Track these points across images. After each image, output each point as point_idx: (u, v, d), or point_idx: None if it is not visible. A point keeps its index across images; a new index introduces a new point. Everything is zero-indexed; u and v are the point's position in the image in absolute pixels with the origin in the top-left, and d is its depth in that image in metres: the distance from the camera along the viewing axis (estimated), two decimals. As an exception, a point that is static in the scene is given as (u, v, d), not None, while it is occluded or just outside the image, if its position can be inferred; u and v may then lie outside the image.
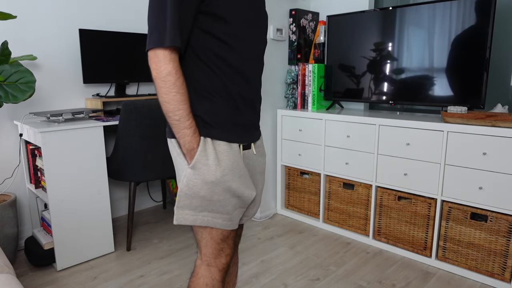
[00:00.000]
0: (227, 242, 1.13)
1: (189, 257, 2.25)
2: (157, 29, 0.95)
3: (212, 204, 1.06)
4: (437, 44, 2.16)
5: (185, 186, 1.04)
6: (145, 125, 2.18)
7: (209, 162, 1.03)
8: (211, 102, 1.05)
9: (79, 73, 2.56)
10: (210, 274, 1.13)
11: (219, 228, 1.10)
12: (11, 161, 2.33)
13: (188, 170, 1.03)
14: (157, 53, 0.96)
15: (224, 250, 1.13)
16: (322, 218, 2.65)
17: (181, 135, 1.01)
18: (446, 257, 2.08)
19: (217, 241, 1.12)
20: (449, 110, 2.05)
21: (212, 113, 1.06)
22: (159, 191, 3.18)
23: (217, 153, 1.05)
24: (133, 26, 2.81)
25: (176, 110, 0.98)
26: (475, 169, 1.91)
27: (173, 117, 0.99)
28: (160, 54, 0.96)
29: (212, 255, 1.12)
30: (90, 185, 2.15)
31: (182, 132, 1.01)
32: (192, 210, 1.07)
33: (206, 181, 1.03)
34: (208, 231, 1.10)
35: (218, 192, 1.05)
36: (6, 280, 1.16)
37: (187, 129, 1.00)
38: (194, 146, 1.02)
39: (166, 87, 0.96)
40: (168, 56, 0.96)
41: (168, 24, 0.95)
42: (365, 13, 2.44)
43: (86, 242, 2.17)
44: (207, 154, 1.03)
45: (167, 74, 0.96)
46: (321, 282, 1.97)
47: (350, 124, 2.38)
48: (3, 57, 1.90)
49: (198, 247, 1.14)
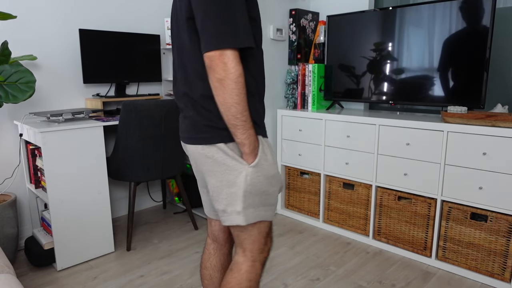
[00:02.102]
0: (270, 235, 1.19)
1: (189, 257, 2.25)
2: (227, 29, 0.94)
3: (269, 198, 1.12)
4: (437, 44, 2.16)
5: (249, 185, 1.06)
6: (145, 125, 2.18)
7: (268, 157, 1.09)
8: (253, 101, 1.08)
9: (79, 73, 2.56)
10: (255, 270, 1.15)
11: (270, 220, 1.16)
12: (11, 161, 2.33)
13: (250, 169, 1.05)
14: (226, 54, 0.94)
15: (267, 244, 1.19)
16: (322, 218, 2.65)
17: (247, 135, 1.02)
18: (446, 257, 2.08)
19: (264, 235, 1.16)
20: (449, 110, 2.05)
21: (256, 111, 1.09)
22: (159, 191, 3.18)
23: (269, 148, 1.11)
24: (133, 26, 2.81)
25: (244, 111, 0.99)
26: (475, 169, 1.91)
27: (241, 118, 0.99)
28: (231, 55, 0.94)
29: (258, 250, 1.15)
30: (90, 185, 2.15)
31: (248, 133, 1.01)
32: (253, 208, 1.09)
33: (268, 176, 1.08)
34: (257, 226, 1.13)
35: (274, 184, 1.11)
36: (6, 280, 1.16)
37: (252, 129, 1.02)
38: (257, 144, 1.05)
39: (238, 88, 0.96)
40: (238, 57, 0.96)
41: (240, 24, 0.95)
42: (365, 13, 2.44)
43: (86, 242, 2.17)
44: (264, 150, 1.08)
45: (239, 76, 0.95)
46: (321, 282, 1.97)
47: (350, 124, 2.38)
48: (3, 57, 1.89)
49: (240, 246, 1.16)
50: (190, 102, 1.09)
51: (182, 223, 2.76)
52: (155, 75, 2.83)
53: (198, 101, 1.06)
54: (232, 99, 0.96)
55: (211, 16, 0.94)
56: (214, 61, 0.94)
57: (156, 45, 2.80)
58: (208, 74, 0.98)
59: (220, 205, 1.11)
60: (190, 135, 1.10)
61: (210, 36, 0.94)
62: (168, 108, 2.23)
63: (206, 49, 0.95)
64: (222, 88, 0.96)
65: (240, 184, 1.06)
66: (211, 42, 0.94)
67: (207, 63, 0.96)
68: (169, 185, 3.08)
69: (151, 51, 2.78)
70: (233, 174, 1.06)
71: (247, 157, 1.05)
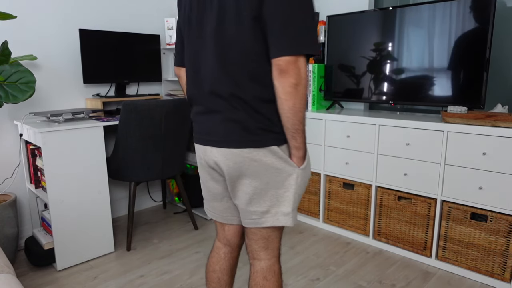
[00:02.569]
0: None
1: (189, 257, 2.25)
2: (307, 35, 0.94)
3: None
4: (437, 44, 2.16)
5: (299, 186, 1.10)
6: (145, 125, 2.18)
7: (309, 161, 1.14)
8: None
9: (79, 73, 2.56)
10: (280, 265, 1.23)
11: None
12: (11, 161, 2.33)
13: (300, 171, 1.08)
14: (300, 60, 0.94)
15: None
16: (322, 218, 2.65)
17: (303, 140, 1.05)
18: (446, 257, 2.08)
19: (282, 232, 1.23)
20: (449, 110, 2.05)
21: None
22: (159, 191, 3.18)
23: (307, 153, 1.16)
24: (133, 26, 2.81)
25: (305, 117, 1.03)
26: (475, 169, 1.91)
27: (303, 123, 1.02)
28: (304, 61, 0.95)
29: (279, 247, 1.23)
30: (90, 185, 2.15)
31: (304, 137, 1.06)
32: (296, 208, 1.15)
33: (309, 177, 1.14)
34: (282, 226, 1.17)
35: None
36: (6, 280, 1.16)
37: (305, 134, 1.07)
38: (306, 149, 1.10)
39: (305, 95, 0.98)
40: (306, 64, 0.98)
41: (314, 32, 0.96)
42: (365, 13, 2.44)
43: (86, 242, 2.17)
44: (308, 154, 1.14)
45: (307, 82, 0.99)
46: (321, 282, 1.97)
47: (350, 124, 2.38)
48: (3, 57, 1.90)
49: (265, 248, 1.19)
50: (239, 104, 1.03)
51: (182, 223, 2.76)
52: (155, 75, 2.83)
53: (249, 103, 1.02)
54: (301, 105, 0.98)
55: (294, 21, 0.93)
56: (290, 66, 0.94)
57: (156, 45, 2.80)
58: (279, 78, 0.96)
59: (261, 207, 1.10)
60: (234, 138, 1.05)
61: (291, 40, 0.93)
62: (168, 108, 2.23)
63: (283, 53, 0.94)
64: (295, 93, 0.96)
65: (291, 186, 1.08)
66: (291, 47, 0.93)
67: (281, 67, 0.95)
68: (169, 185, 3.08)
69: (151, 51, 2.78)
70: (283, 176, 1.07)
71: (299, 160, 1.07)
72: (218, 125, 1.07)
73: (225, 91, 1.03)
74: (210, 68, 1.05)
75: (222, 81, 1.03)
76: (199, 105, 1.13)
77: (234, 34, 1.00)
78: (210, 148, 1.11)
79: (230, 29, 1.00)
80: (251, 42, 0.99)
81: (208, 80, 1.06)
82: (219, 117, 1.07)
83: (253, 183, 1.09)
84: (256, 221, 1.13)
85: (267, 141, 1.05)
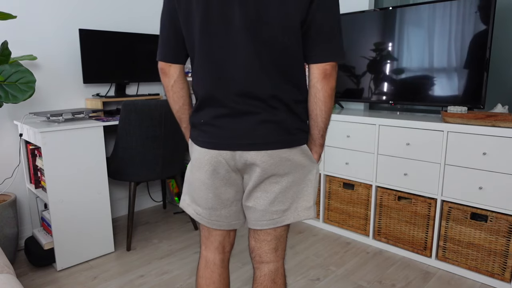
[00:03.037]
0: None
1: (189, 257, 2.25)
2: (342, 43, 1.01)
3: None
4: (437, 44, 2.16)
5: (316, 181, 1.16)
6: (145, 125, 2.18)
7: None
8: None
9: (79, 73, 2.56)
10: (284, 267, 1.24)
11: None
12: (11, 161, 2.33)
13: (317, 167, 1.16)
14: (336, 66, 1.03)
15: None
16: (322, 218, 2.65)
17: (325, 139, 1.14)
18: (446, 257, 2.08)
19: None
20: (449, 110, 2.05)
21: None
22: (159, 191, 3.18)
23: None
24: (133, 26, 2.81)
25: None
26: (475, 169, 1.91)
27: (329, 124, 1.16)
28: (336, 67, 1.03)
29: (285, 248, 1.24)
30: (90, 185, 2.15)
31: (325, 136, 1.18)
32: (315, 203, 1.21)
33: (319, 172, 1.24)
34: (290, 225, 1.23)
35: None
36: (6, 280, 1.16)
37: None
38: None
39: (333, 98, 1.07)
40: None
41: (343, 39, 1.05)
42: (365, 13, 2.44)
43: (86, 242, 2.17)
44: None
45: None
46: (321, 282, 1.97)
47: (350, 124, 2.38)
48: (3, 57, 1.90)
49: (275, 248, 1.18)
50: (279, 105, 1.03)
51: (182, 223, 2.76)
52: (155, 75, 2.83)
53: (287, 104, 1.04)
54: (332, 106, 1.07)
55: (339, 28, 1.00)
56: (333, 70, 1.01)
57: (156, 45, 2.80)
58: (322, 81, 1.02)
59: (284, 205, 1.11)
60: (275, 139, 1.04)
61: (338, 47, 1.00)
62: (168, 108, 2.23)
63: (330, 59, 1.00)
64: (333, 95, 1.05)
65: (310, 181, 1.13)
66: (338, 53, 1.00)
67: (327, 71, 1.01)
68: (169, 185, 3.08)
69: (151, 51, 2.78)
70: (305, 172, 1.12)
71: (319, 156, 1.15)
72: (255, 127, 1.04)
73: (264, 92, 1.01)
74: (243, 68, 1.01)
75: (261, 82, 1.01)
76: (221, 107, 1.05)
77: (276, 34, 0.98)
78: (240, 153, 1.06)
79: (271, 29, 0.98)
80: (294, 44, 1.00)
81: (240, 80, 1.01)
82: (255, 119, 1.03)
83: (282, 182, 1.09)
84: (276, 220, 1.12)
85: (300, 140, 1.08)
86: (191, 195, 1.20)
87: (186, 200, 1.23)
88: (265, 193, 1.10)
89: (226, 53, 1.01)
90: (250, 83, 1.01)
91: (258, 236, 1.18)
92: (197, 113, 1.11)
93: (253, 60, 0.99)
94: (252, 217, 1.15)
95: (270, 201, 1.10)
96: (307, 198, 1.13)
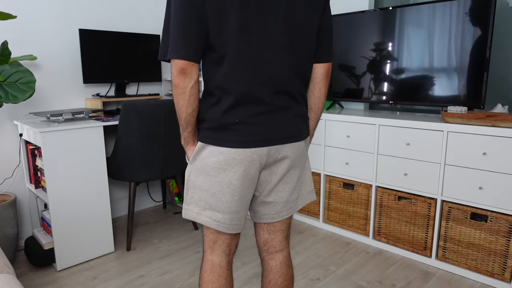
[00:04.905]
0: None
1: (189, 257, 2.25)
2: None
3: None
4: (437, 44, 2.16)
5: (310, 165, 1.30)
6: (145, 125, 2.18)
7: None
8: None
9: (79, 73, 2.56)
10: None
11: None
12: (11, 161, 2.33)
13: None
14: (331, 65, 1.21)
15: None
16: (322, 218, 2.65)
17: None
18: (446, 257, 2.08)
19: None
20: (449, 110, 2.05)
21: None
22: (159, 191, 3.18)
23: None
24: (133, 26, 2.81)
25: None
26: (475, 169, 1.91)
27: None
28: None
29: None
30: (90, 185, 2.15)
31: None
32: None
33: None
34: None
35: None
36: (6, 280, 1.16)
37: None
38: None
39: None
40: None
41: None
42: (365, 13, 2.44)
43: (86, 242, 2.17)
44: None
45: None
46: (321, 282, 1.97)
47: (350, 124, 2.38)
48: (3, 57, 1.90)
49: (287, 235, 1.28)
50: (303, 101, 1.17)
51: (182, 223, 2.76)
52: (155, 75, 2.84)
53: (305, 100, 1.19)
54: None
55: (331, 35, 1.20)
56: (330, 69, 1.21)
57: (156, 45, 2.80)
58: (326, 77, 1.21)
59: (297, 192, 1.21)
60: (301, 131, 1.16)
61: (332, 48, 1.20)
62: (168, 108, 2.23)
63: (331, 59, 1.19)
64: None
65: (309, 167, 1.26)
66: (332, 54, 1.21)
67: (329, 69, 1.20)
68: (169, 185, 3.08)
69: (151, 51, 2.78)
70: (305, 159, 1.22)
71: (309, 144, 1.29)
72: (290, 121, 1.12)
73: (296, 90, 1.12)
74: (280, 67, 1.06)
75: (295, 80, 1.11)
76: (261, 105, 1.05)
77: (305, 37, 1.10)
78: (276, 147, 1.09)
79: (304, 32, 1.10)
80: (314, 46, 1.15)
81: (278, 79, 1.06)
82: (290, 113, 1.12)
83: (297, 171, 1.19)
84: (293, 208, 1.22)
85: (308, 131, 1.21)
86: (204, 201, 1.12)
87: (194, 209, 1.15)
88: (286, 185, 1.17)
89: (268, 54, 1.03)
90: (289, 81, 1.09)
91: (273, 227, 1.23)
92: (229, 113, 1.04)
93: (291, 61, 1.08)
94: (271, 211, 1.19)
95: (290, 192, 1.18)
96: (309, 182, 1.26)
